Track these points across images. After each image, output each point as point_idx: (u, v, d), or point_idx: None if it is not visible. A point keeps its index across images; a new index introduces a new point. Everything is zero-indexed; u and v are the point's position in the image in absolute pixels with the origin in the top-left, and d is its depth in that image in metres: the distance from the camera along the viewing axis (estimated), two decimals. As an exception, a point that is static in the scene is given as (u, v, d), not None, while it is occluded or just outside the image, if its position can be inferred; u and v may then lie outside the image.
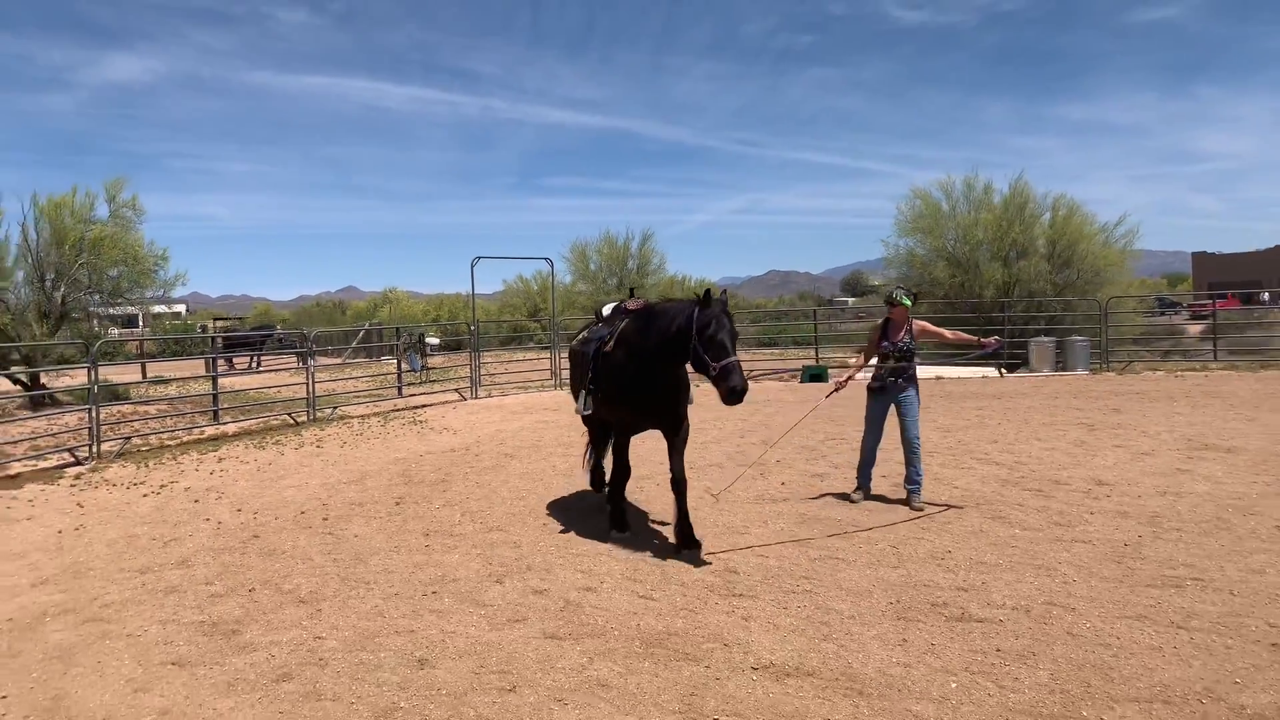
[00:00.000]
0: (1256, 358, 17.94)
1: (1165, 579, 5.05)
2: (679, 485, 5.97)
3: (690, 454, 9.56)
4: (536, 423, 12.74)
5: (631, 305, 6.58)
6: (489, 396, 16.36)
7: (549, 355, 18.55)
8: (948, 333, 7.35)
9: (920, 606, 4.77)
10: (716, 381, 5.56)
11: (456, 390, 16.65)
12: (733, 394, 5.47)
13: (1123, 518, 6.39)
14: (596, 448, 7.57)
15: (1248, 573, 5.09)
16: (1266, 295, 40.02)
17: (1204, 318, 27.75)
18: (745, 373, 5.58)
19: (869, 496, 7.23)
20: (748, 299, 68.71)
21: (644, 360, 6.00)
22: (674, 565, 5.65)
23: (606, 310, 7.06)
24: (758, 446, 9.94)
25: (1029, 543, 5.87)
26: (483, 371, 17.43)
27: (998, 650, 4.16)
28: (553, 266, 20.16)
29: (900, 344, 7.05)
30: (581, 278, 24.69)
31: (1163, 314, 30.31)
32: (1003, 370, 17.72)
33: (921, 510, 6.79)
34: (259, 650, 4.49)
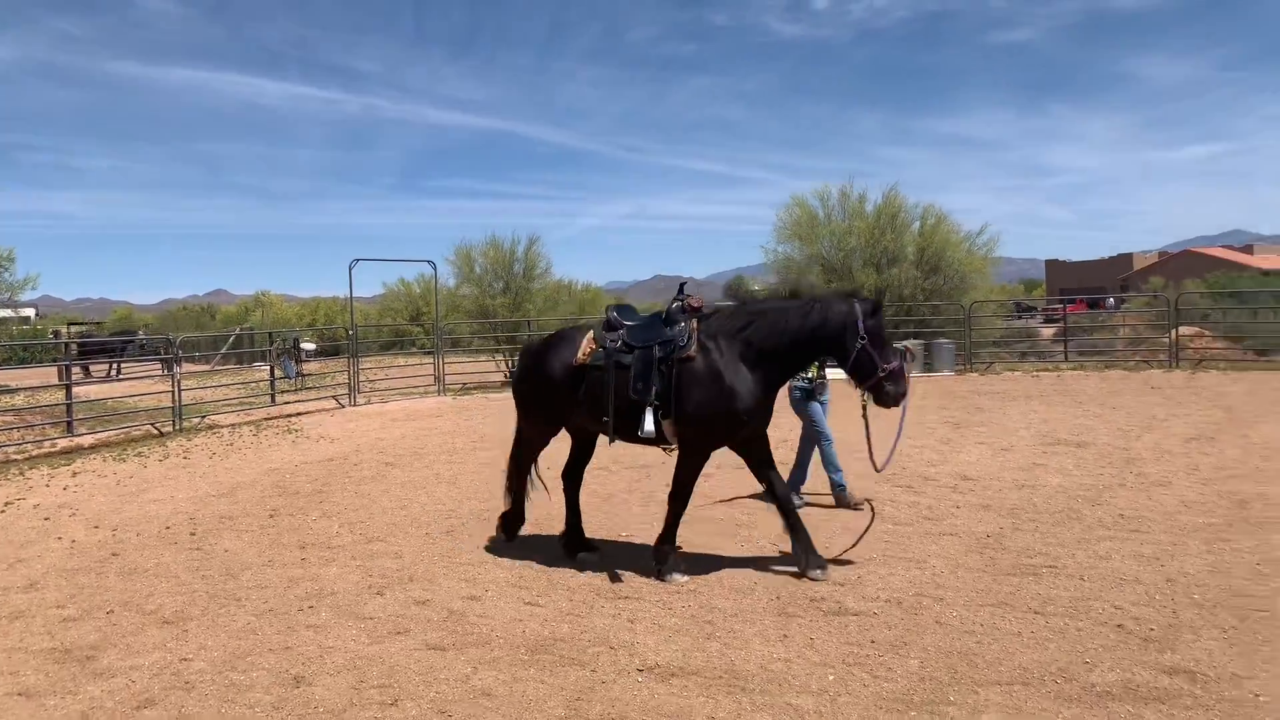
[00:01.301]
0: (1101, 358, 19.31)
1: (1024, 567, 5.37)
2: (787, 502, 5.46)
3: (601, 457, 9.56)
4: (419, 430, 12.47)
5: (694, 302, 5.63)
6: (369, 404, 15.92)
7: (432, 360, 18.18)
8: None
9: (800, 602, 4.92)
10: (881, 384, 5.20)
11: (334, 397, 16.12)
12: (900, 398, 5.26)
13: (985, 510, 6.76)
14: (572, 488, 6.23)
15: (1095, 559, 5.47)
16: (1111, 300, 43.13)
17: (1056, 321, 29.66)
18: None
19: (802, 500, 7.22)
20: (634, 303, 69.29)
21: (773, 363, 5.35)
22: (560, 571, 5.64)
23: (603, 314, 6.11)
24: (644, 450, 10.01)
25: (901, 537, 6.13)
26: (362, 378, 16.93)
27: (872, 642, 4.33)
28: (435, 270, 19.78)
29: None
30: (466, 281, 24.27)
31: (1020, 318, 32.19)
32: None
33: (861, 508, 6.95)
34: (118, 676, 4.23)
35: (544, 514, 7.13)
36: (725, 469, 8.71)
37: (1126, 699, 3.63)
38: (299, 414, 14.54)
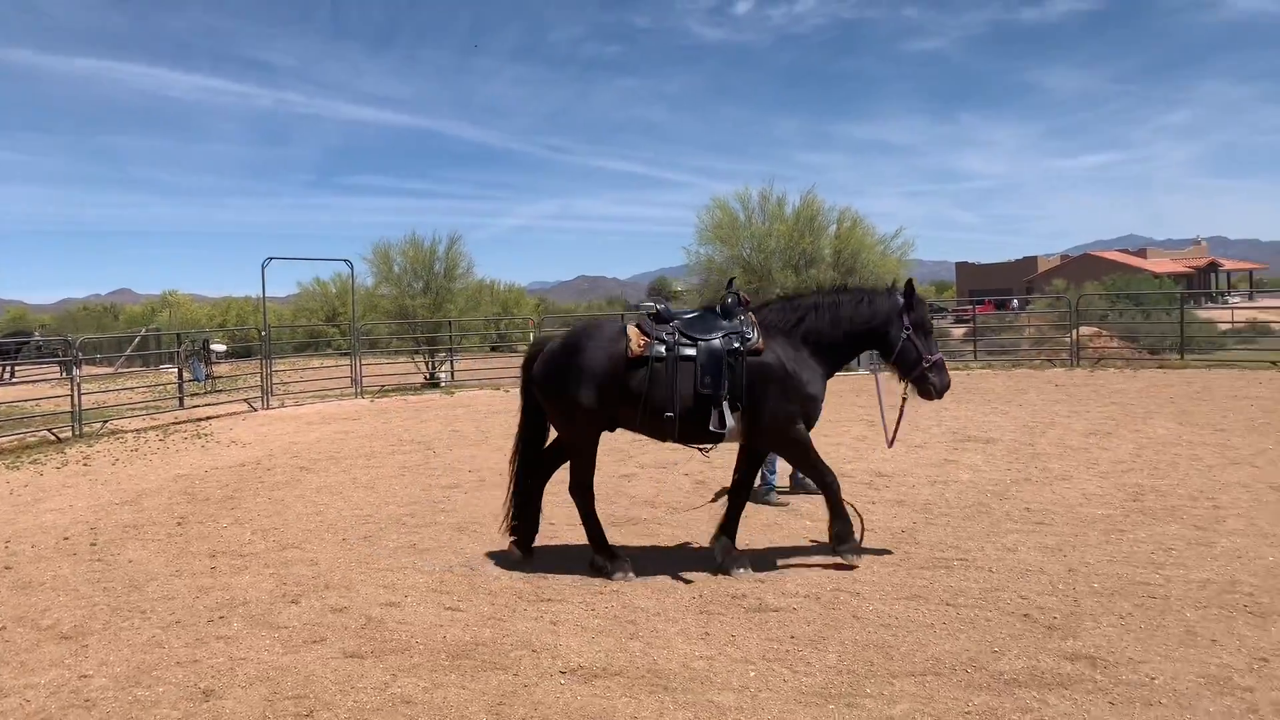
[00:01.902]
0: (1008, 358, 20.07)
1: (936, 561, 5.53)
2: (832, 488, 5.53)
3: (501, 461, 9.47)
4: (335, 433, 12.18)
5: (746, 296, 5.62)
6: (283, 407, 15.46)
7: (349, 362, 17.77)
8: None
9: (721, 599, 4.97)
10: (924, 375, 5.42)
11: (246, 400, 15.61)
12: (944, 390, 5.47)
13: (900, 506, 6.95)
14: (586, 494, 5.66)
15: (1003, 551, 5.68)
16: (1016, 301, 44.89)
17: (966, 322, 30.70)
18: None
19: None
20: (558, 303, 68.95)
21: (829, 355, 5.49)
22: (482, 575, 5.58)
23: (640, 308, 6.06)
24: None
25: (819, 534, 6.25)
26: (276, 380, 16.46)
27: (792, 637, 4.41)
28: (353, 269, 19.34)
29: None
30: (384, 281, 23.77)
31: (932, 318, 33.18)
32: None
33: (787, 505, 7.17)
34: (11, 696, 4.01)
35: (468, 517, 7.05)
36: (648, 469, 8.76)
37: (1032, 685, 3.78)
38: (209, 418, 14.04)
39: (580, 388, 5.33)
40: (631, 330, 5.45)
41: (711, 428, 5.24)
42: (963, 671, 3.95)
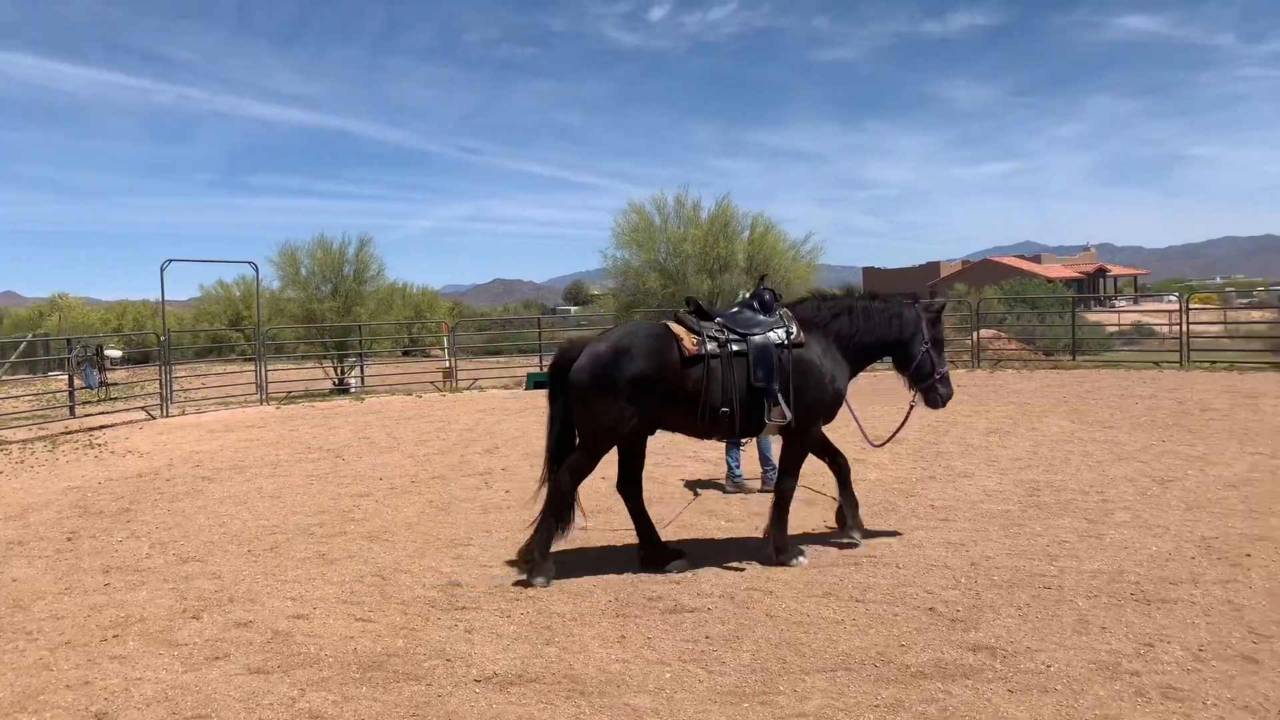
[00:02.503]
0: (916, 360, 20.69)
1: (846, 559, 5.67)
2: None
3: (414, 468, 9.32)
4: (240, 441, 11.76)
5: (777, 292, 5.81)
6: (183, 415, 14.85)
7: (254, 367, 17.19)
8: None
9: (637, 602, 4.99)
10: (934, 386, 5.80)
11: (144, 408, 14.94)
12: (948, 400, 5.90)
13: (810, 506, 7.09)
14: (632, 494, 5.67)
15: (910, 547, 5.86)
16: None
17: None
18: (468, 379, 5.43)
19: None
20: (473, 307, 68.15)
21: (855, 357, 5.80)
22: (394, 584, 5.47)
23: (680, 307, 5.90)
24: (482, 456, 9.89)
25: (733, 534, 6.34)
26: (176, 387, 15.81)
27: (707, 637, 4.45)
28: (258, 271, 18.73)
29: None
30: (291, 284, 23.11)
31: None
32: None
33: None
34: (-120, 728, 3.75)
35: (379, 526, 6.90)
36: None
37: (937, 677, 3.91)
38: (103, 427, 13.38)
39: (632, 393, 5.27)
40: (678, 330, 5.48)
41: (769, 420, 5.41)
42: (872, 666, 4.06)
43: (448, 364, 18.82)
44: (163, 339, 15.71)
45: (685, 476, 8.37)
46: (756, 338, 5.46)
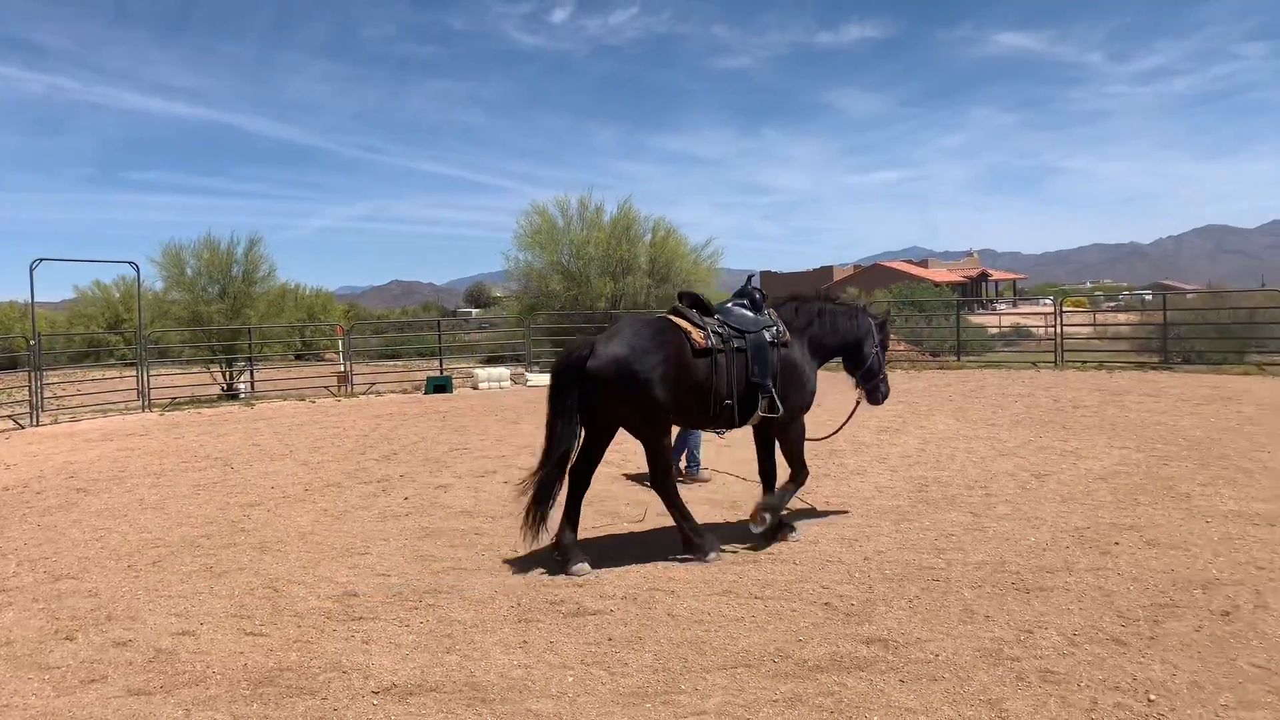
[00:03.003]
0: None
1: (745, 557, 5.78)
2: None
3: (307, 476, 9.02)
4: (119, 450, 11.15)
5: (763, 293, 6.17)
6: (56, 423, 14.00)
7: (135, 373, 16.34)
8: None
9: (540, 606, 4.97)
10: (878, 385, 6.50)
11: (12, 417, 14.01)
12: (887, 397, 6.64)
13: (712, 505, 7.20)
14: (670, 489, 5.75)
15: (806, 544, 6.02)
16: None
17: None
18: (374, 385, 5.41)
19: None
20: (370, 309, 66.45)
21: (821, 357, 6.28)
22: (287, 596, 5.28)
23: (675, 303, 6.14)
24: (378, 463, 9.66)
25: (636, 534, 6.38)
26: (47, 394, 14.89)
27: (609, 639, 4.47)
28: (139, 272, 17.80)
29: None
30: (176, 285, 22.06)
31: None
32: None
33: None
34: None
35: (271, 536, 6.66)
36: (465, 479, 8.61)
37: (833, 670, 4.03)
38: (-38, 438, 12.48)
39: (659, 384, 5.51)
40: (683, 324, 5.74)
41: (763, 412, 5.84)
42: (770, 661, 4.15)
43: (342, 368, 18.31)
44: (32, 343, 14.77)
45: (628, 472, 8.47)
46: (753, 335, 5.84)
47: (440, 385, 17.52)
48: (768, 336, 5.86)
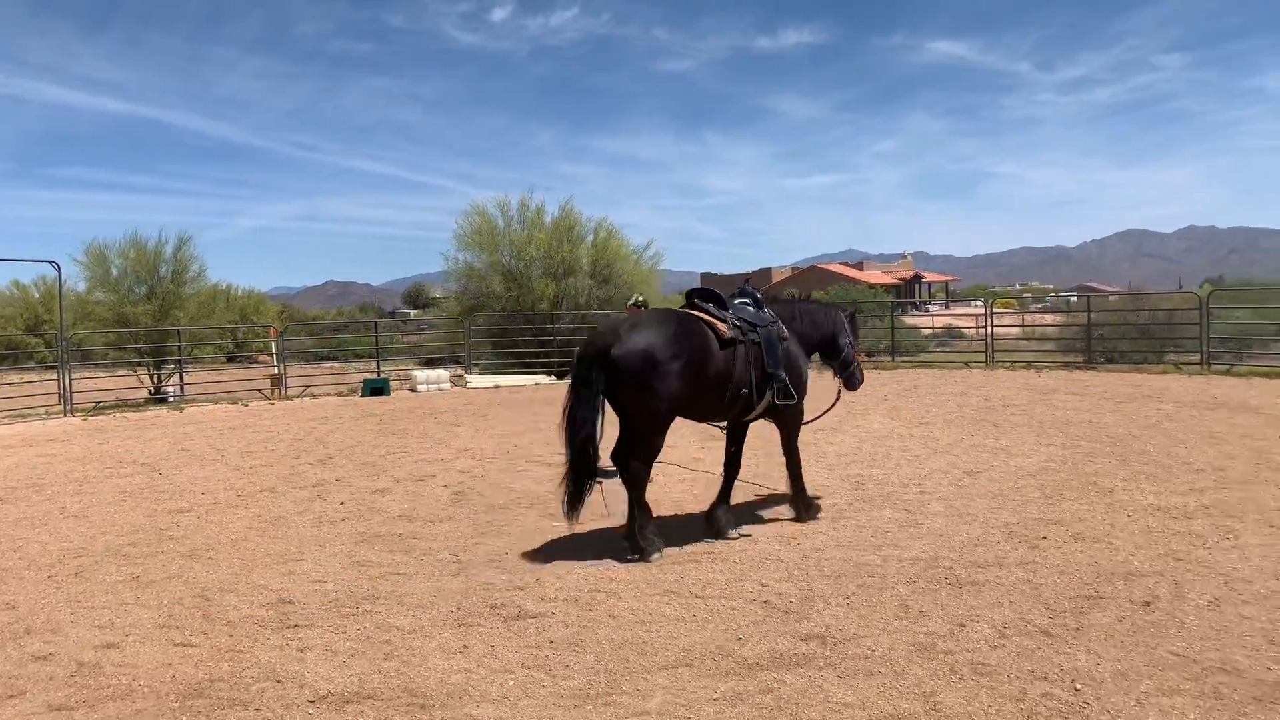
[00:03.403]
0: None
1: (686, 556, 5.81)
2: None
3: (240, 481, 8.80)
4: (38, 457, 10.73)
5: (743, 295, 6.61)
6: (-31, 428, 13.41)
7: (56, 376, 15.73)
8: None
9: (480, 610, 4.92)
10: (853, 374, 7.08)
11: (-80, 423, 13.37)
12: (861, 383, 7.26)
13: (653, 504, 7.20)
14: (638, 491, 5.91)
15: (746, 542, 6.08)
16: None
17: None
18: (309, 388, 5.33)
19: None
20: (305, 310, 65.09)
21: (807, 351, 6.79)
22: (218, 605, 5.14)
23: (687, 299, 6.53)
24: (314, 467, 9.47)
25: (577, 536, 6.36)
26: (-40, 398, 14.24)
27: (550, 642, 4.45)
28: (60, 271, 17.17)
29: None
30: (100, 285, 21.33)
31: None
32: (555, 377, 19.01)
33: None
34: None
35: (201, 543, 6.48)
36: (403, 483, 8.49)
37: (772, 667, 4.07)
38: None
39: (684, 374, 5.71)
40: (706, 317, 6.04)
41: (778, 400, 6.25)
42: (711, 660, 4.18)
43: (276, 370, 17.90)
44: (-57, 345, 14.13)
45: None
46: (764, 329, 6.25)
47: (377, 388, 17.25)
48: (774, 332, 6.29)
